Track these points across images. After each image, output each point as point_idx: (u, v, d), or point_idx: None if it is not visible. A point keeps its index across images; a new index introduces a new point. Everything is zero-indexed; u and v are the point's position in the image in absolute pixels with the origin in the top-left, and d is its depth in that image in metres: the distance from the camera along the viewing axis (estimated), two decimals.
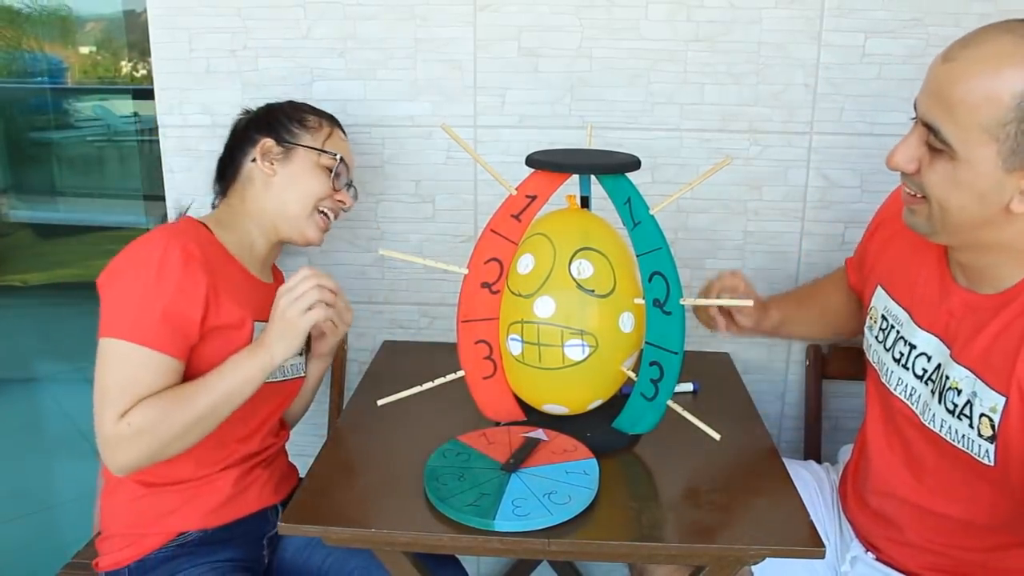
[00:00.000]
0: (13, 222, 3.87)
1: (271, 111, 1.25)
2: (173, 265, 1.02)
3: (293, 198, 1.19)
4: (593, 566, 1.74)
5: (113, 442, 0.99)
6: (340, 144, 1.26)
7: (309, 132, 1.22)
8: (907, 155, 0.90)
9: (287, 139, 1.21)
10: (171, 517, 1.10)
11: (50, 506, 2.28)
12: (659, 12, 1.41)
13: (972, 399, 0.94)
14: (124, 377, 0.99)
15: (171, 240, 1.04)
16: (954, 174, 0.86)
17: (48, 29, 3.69)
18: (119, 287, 1.03)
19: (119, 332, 1.00)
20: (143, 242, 1.05)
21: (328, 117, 1.27)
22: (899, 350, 1.07)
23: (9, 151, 3.88)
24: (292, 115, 1.23)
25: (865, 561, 1.13)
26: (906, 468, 1.06)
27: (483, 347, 1.10)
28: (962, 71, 0.84)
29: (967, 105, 0.83)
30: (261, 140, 1.20)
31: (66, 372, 3.15)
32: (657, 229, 1.03)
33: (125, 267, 1.04)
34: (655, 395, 1.07)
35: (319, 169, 1.21)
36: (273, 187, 1.19)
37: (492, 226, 1.08)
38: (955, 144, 0.85)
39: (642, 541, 0.93)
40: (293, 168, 1.20)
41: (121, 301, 1.02)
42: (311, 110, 1.26)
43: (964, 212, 0.88)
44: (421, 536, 0.94)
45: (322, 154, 1.21)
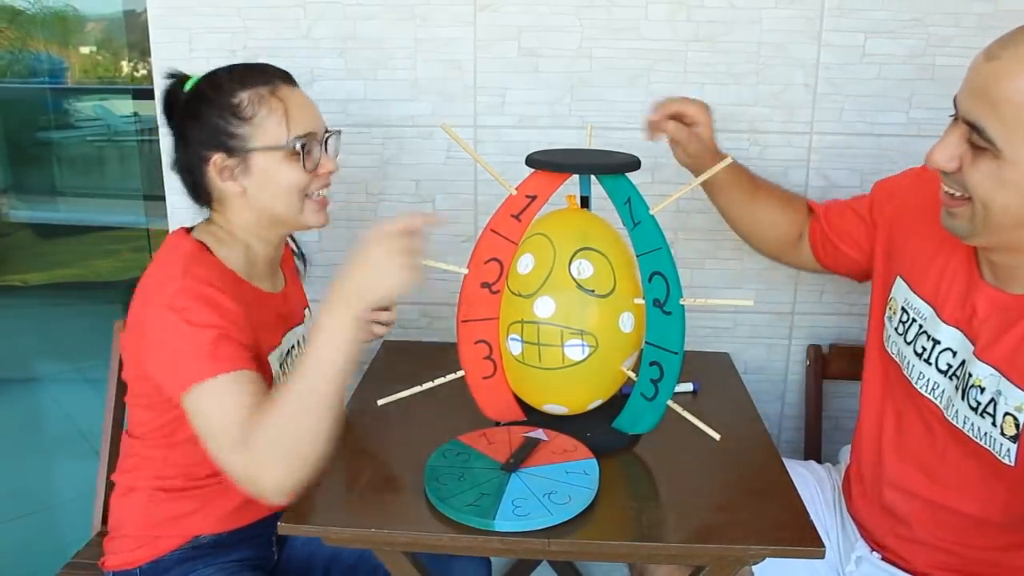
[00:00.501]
0: (13, 222, 3.87)
1: (199, 111, 1.05)
2: (201, 297, 0.97)
3: (275, 201, 1.06)
4: (593, 566, 1.74)
5: (250, 472, 0.91)
6: (296, 111, 1.05)
7: (253, 123, 1.03)
8: (948, 153, 0.88)
9: (235, 146, 1.04)
10: (186, 520, 1.09)
11: (50, 506, 2.28)
12: (659, 12, 1.41)
13: (996, 397, 0.93)
14: (226, 411, 0.93)
15: (189, 279, 0.98)
16: (998, 173, 0.85)
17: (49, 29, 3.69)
18: (167, 344, 0.96)
19: (195, 377, 0.93)
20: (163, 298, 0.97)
21: (262, 78, 1.05)
22: (921, 344, 1.05)
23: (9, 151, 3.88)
24: (225, 107, 1.03)
25: (870, 560, 1.12)
26: (921, 464, 1.06)
27: (483, 347, 1.10)
28: (1007, 69, 0.83)
29: (1013, 103, 0.82)
30: (210, 156, 1.04)
31: (66, 372, 3.16)
32: (657, 229, 1.03)
33: (162, 326, 0.97)
34: (655, 395, 1.07)
35: (288, 159, 1.05)
36: (249, 198, 1.06)
37: (492, 226, 1.08)
38: (999, 143, 0.84)
39: (642, 541, 0.93)
40: (258, 174, 1.05)
41: (184, 350, 0.95)
42: (240, 82, 1.04)
43: (1008, 211, 0.87)
44: (421, 536, 0.94)
45: (281, 149, 1.04)
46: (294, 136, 1.04)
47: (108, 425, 1.42)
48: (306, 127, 1.05)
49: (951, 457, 1.02)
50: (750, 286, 1.53)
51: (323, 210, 1.11)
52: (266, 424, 0.90)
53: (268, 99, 1.04)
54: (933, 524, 1.05)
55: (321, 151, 1.08)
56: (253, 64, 1.08)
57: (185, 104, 1.06)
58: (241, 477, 0.92)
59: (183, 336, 0.95)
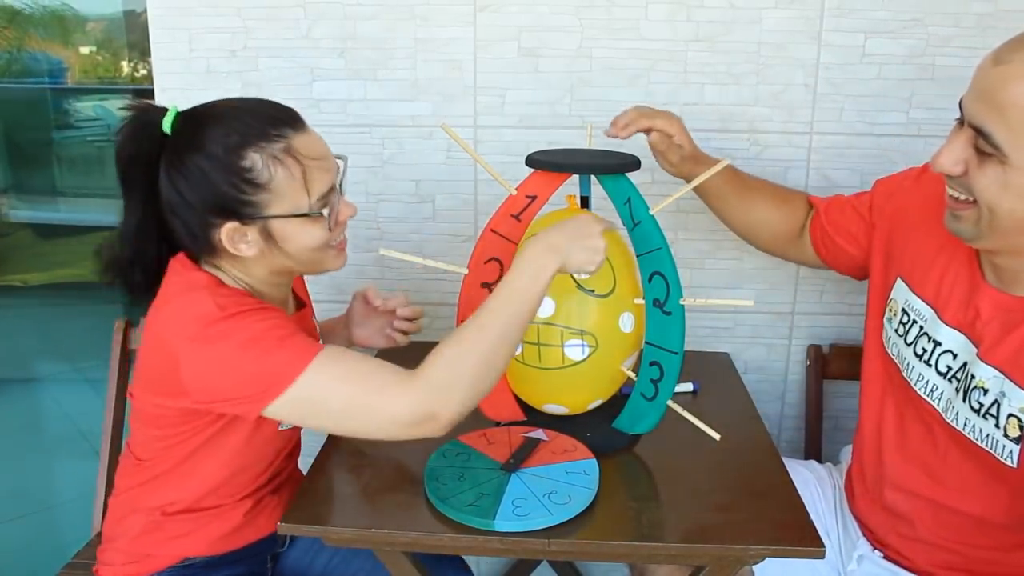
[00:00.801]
0: (13, 222, 3.87)
1: (198, 171, 0.90)
2: (246, 301, 0.93)
3: (295, 260, 0.98)
4: (593, 566, 1.74)
5: (430, 405, 0.89)
6: (313, 166, 0.95)
7: (270, 189, 0.92)
8: (953, 157, 0.88)
9: (250, 213, 0.93)
10: (179, 542, 1.07)
11: (50, 506, 2.28)
12: (659, 12, 1.41)
13: (1000, 399, 0.93)
14: (355, 373, 0.90)
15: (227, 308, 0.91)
16: (1005, 178, 0.84)
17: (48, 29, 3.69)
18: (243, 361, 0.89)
19: (298, 367, 0.88)
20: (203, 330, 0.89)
21: (268, 133, 0.92)
22: (922, 346, 1.05)
23: (9, 151, 3.88)
24: (234, 173, 0.91)
25: (872, 560, 1.12)
26: (923, 464, 1.06)
27: None
28: (1015, 74, 0.82)
29: (1020, 109, 0.81)
30: (218, 223, 0.93)
31: (66, 372, 3.15)
32: (657, 229, 1.03)
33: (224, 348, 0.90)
34: (655, 395, 1.07)
35: (308, 223, 0.95)
36: (265, 256, 0.97)
37: (492, 226, 1.08)
38: (1006, 148, 0.83)
39: (642, 541, 0.93)
40: (277, 238, 0.95)
41: (263, 358, 0.89)
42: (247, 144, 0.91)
43: (1014, 216, 0.86)
44: (421, 536, 0.94)
45: (305, 216, 0.95)
46: (316, 199, 0.95)
47: (108, 425, 1.42)
48: (326, 183, 0.96)
49: (952, 458, 1.02)
50: (750, 286, 1.53)
51: (342, 253, 1.04)
52: (451, 352, 0.90)
53: (283, 160, 0.92)
54: (935, 524, 1.05)
55: (339, 198, 0.99)
56: (257, 111, 0.94)
57: (169, 155, 0.92)
58: (420, 410, 0.89)
59: (255, 350, 0.89)
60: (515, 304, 0.91)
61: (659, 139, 1.21)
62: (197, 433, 1.00)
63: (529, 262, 0.93)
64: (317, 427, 0.97)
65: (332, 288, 1.56)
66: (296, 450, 1.22)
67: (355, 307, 1.27)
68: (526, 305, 0.92)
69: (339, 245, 1.04)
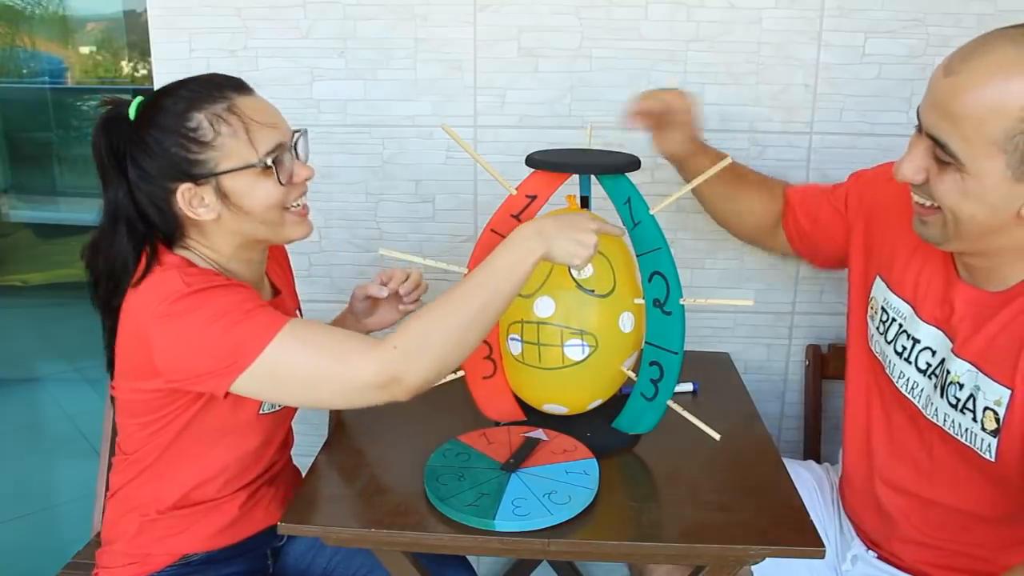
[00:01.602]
0: (13, 222, 3.88)
1: (151, 141, 0.94)
2: (214, 277, 0.95)
3: (252, 222, 0.99)
4: (593, 566, 1.74)
5: (395, 368, 0.90)
6: (257, 123, 0.96)
7: (215, 145, 0.94)
8: (914, 167, 0.90)
9: (200, 172, 0.95)
10: (176, 539, 1.08)
11: (50, 506, 2.28)
12: (659, 12, 1.41)
13: (975, 393, 0.94)
14: (320, 342, 0.92)
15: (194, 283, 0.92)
16: (963, 185, 0.86)
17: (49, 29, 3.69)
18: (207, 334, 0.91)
19: (263, 339, 0.90)
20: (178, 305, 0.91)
21: (212, 95, 0.96)
22: (902, 344, 1.06)
23: (9, 151, 3.88)
24: (179, 134, 0.94)
25: (866, 560, 1.13)
26: (911, 461, 1.06)
27: (483, 347, 1.10)
28: (966, 84, 0.83)
29: (973, 119, 0.82)
30: (174, 188, 0.95)
31: (66, 372, 3.15)
32: (657, 229, 1.03)
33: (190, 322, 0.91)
34: (655, 395, 1.07)
35: (260, 178, 0.97)
36: (224, 225, 0.98)
37: (492, 226, 1.08)
38: (963, 158, 0.84)
39: (642, 541, 0.93)
40: (231, 197, 0.96)
41: (228, 332, 0.90)
42: (189, 102, 0.95)
43: (975, 221, 0.87)
44: (421, 536, 0.94)
45: (253, 168, 0.96)
46: (263, 154, 0.96)
47: (108, 425, 1.42)
48: (272, 139, 0.97)
49: (937, 454, 1.02)
50: (750, 286, 1.53)
51: (305, 220, 1.05)
52: (425, 321, 0.91)
53: (226, 117, 0.95)
54: (925, 521, 1.05)
55: (292, 159, 1.00)
56: (199, 78, 0.99)
57: (132, 137, 0.96)
58: (384, 373, 0.90)
59: (220, 324, 0.90)
60: (496, 282, 0.93)
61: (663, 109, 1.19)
62: (176, 417, 1.00)
63: (516, 244, 0.94)
64: (285, 399, 0.99)
65: (332, 288, 1.56)
66: (288, 440, 1.22)
67: (357, 305, 1.27)
68: (507, 284, 0.93)
69: (300, 211, 1.04)
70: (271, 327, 0.91)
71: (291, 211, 1.02)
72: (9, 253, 3.93)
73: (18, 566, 1.98)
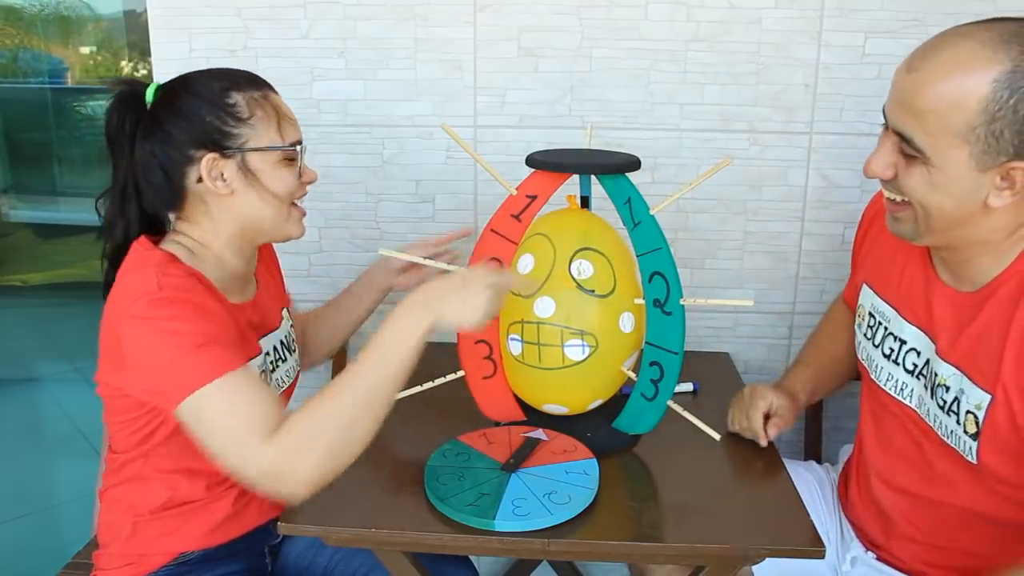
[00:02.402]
0: (13, 222, 3.88)
1: (187, 108, 0.99)
2: (187, 290, 0.94)
3: (262, 207, 1.02)
4: (593, 566, 1.74)
5: (280, 467, 0.87)
6: (287, 118, 1.04)
7: (250, 124, 1.00)
8: (883, 162, 0.92)
9: (230, 145, 0.99)
10: (171, 538, 1.08)
11: (50, 506, 2.28)
12: (659, 12, 1.41)
13: (960, 396, 0.95)
14: (239, 409, 0.89)
15: (166, 287, 0.93)
16: (930, 178, 0.88)
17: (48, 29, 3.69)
18: (154, 357, 0.91)
19: (199, 381, 0.89)
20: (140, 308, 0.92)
21: (251, 83, 1.03)
22: (889, 346, 1.07)
23: (9, 151, 3.88)
24: (219, 107, 0.99)
25: (865, 561, 1.13)
26: (904, 461, 1.06)
27: (483, 347, 1.10)
28: (927, 80, 0.86)
29: (936, 113, 0.85)
30: (198, 155, 0.98)
31: (66, 372, 3.15)
32: (657, 229, 1.03)
33: (149, 331, 0.92)
34: (655, 395, 1.07)
35: (280, 165, 1.02)
36: (234, 204, 1.01)
37: (492, 226, 1.08)
38: (928, 151, 0.87)
39: (642, 541, 0.93)
40: (250, 177, 1.00)
41: (175, 358, 0.90)
42: (231, 83, 1.01)
43: (944, 212, 0.90)
44: (421, 536, 0.94)
45: (279, 150, 1.02)
46: (289, 142, 1.03)
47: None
48: (296, 134, 1.05)
49: (929, 454, 1.03)
50: (750, 286, 1.53)
51: (302, 220, 1.08)
52: (309, 415, 0.88)
53: (262, 103, 1.01)
54: (923, 520, 1.05)
55: (303, 161, 1.07)
56: (238, 69, 1.05)
57: (162, 104, 1.00)
58: (266, 471, 0.87)
59: (171, 345, 0.90)
60: (381, 366, 0.89)
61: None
62: (156, 415, 1.00)
63: (399, 318, 0.90)
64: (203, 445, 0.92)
65: (332, 288, 1.56)
66: None
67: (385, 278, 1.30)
68: (393, 366, 0.89)
69: (301, 210, 1.08)
70: (209, 372, 0.89)
71: (296, 207, 1.07)
72: (9, 253, 3.93)
73: (18, 566, 1.98)
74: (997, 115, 0.83)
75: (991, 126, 0.83)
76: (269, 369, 1.11)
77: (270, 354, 1.13)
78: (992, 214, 0.89)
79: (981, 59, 0.83)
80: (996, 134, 0.83)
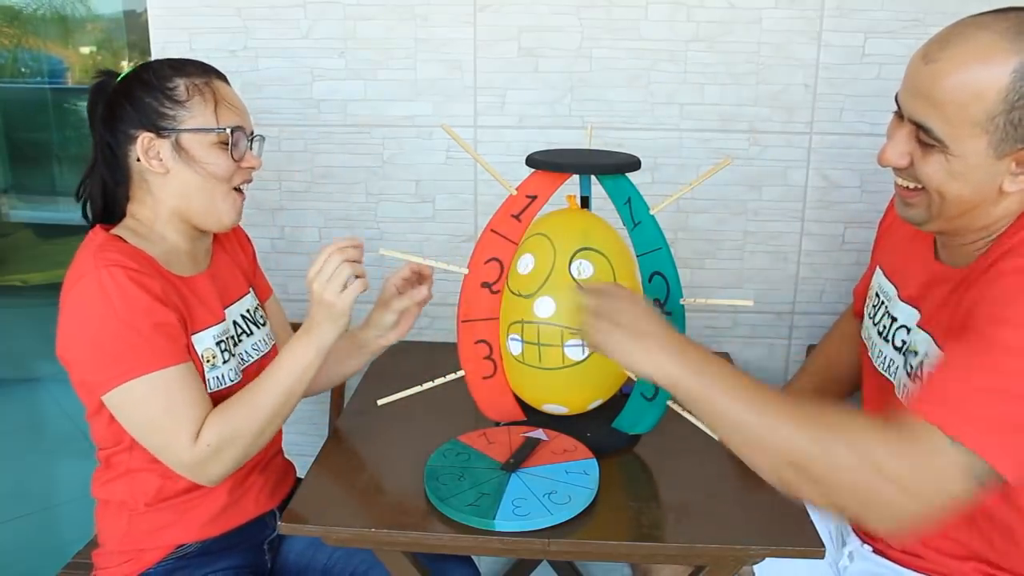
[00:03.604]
0: (13, 222, 3.87)
1: (132, 92, 1.05)
2: (123, 285, 0.96)
3: (195, 189, 1.06)
4: (593, 566, 1.74)
5: (198, 464, 1.00)
6: (227, 104, 1.07)
7: (186, 106, 1.04)
8: (898, 151, 0.93)
9: (165, 126, 1.03)
10: (167, 531, 1.08)
11: (50, 506, 2.28)
12: (659, 12, 1.41)
13: (924, 359, 0.97)
14: (164, 407, 0.97)
15: (102, 268, 0.96)
16: (948, 166, 0.89)
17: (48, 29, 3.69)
18: (90, 341, 0.97)
19: (125, 375, 0.96)
20: (80, 288, 0.97)
21: (198, 70, 1.07)
22: (883, 323, 1.09)
23: (9, 151, 3.88)
24: (160, 91, 1.04)
25: (862, 554, 1.13)
26: None
27: (483, 347, 1.10)
28: (946, 71, 0.87)
29: (955, 103, 0.86)
30: (137, 135, 1.03)
31: (66, 372, 3.15)
32: (657, 229, 1.03)
33: (81, 320, 0.97)
34: (655, 395, 1.07)
35: (215, 147, 1.05)
36: (169, 183, 1.05)
37: (492, 226, 1.08)
38: (947, 140, 0.88)
39: (642, 541, 0.93)
40: (184, 156, 1.04)
41: (103, 350, 0.96)
42: (176, 70, 1.06)
43: (961, 199, 0.91)
44: (421, 536, 0.94)
45: (212, 132, 1.05)
46: (224, 124, 1.06)
47: None
48: (236, 120, 1.07)
49: None
50: (750, 286, 1.53)
51: (237, 205, 1.10)
52: (222, 425, 0.99)
53: (202, 88, 1.06)
54: None
55: (247, 147, 1.10)
56: (192, 60, 1.10)
57: (116, 89, 1.07)
58: (186, 466, 1.00)
59: (115, 323, 0.95)
60: (284, 390, 1.02)
61: None
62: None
63: (291, 350, 1.03)
64: (128, 430, 1.02)
65: None
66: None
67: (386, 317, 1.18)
68: (295, 387, 1.03)
69: (238, 198, 1.10)
70: (137, 365, 0.96)
71: (237, 192, 1.10)
72: (9, 253, 3.93)
73: (18, 566, 1.98)
74: (1016, 104, 0.84)
75: (1010, 115, 0.84)
76: (233, 338, 1.12)
77: (237, 323, 1.15)
78: (1004, 199, 0.90)
79: (1000, 49, 0.84)
80: (1015, 122, 0.85)
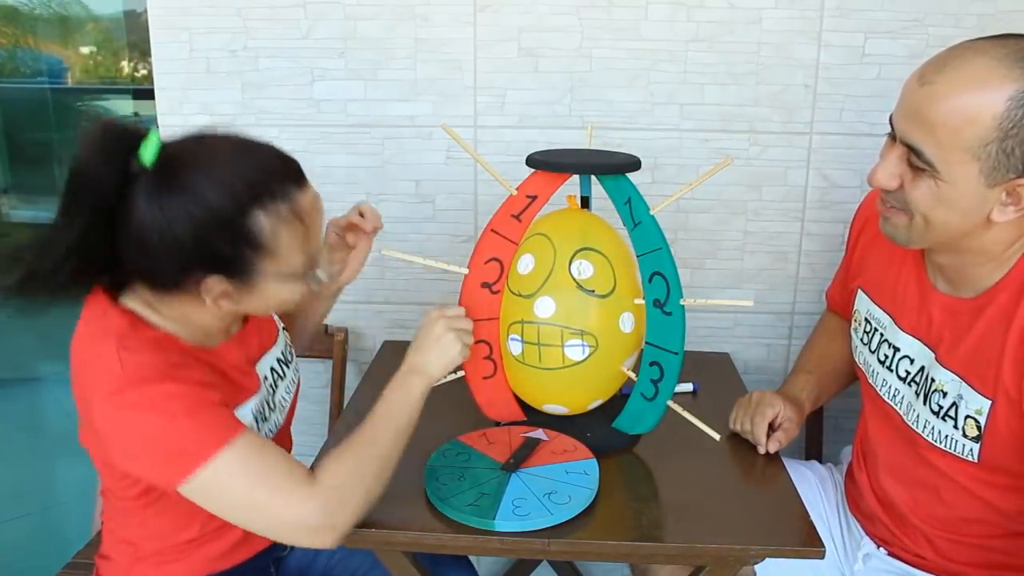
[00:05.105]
0: (13, 222, 3.87)
1: (193, 230, 0.82)
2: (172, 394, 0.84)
3: (258, 311, 0.97)
4: (593, 566, 1.74)
5: (322, 508, 0.87)
6: (314, 229, 0.90)
7: (271, 249, 0.86)
8: (888, 173, 0.92)
9: (244, 272, 0.86)
10: (172, 567, 1.02)
11: (50, 506, 2.28)
12: (659, 12, 1.41)
13: (958, 401, 0.96)
14: (259, 470, 0.86)
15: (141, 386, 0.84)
16: (937, 192, 0.88)
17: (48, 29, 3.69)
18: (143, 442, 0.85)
19: (210, 451, 0.83)
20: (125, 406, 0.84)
21: (278, 191, 0.85)
22: (884, 352, 1.09)
23: (9, 151, 3.87)
24: (235, 232, 0.83)
25: (878, 556, 1.13)
26: (904, 458, 1.07)
27: (483, 347, 1.10)
28: (941, 94, 0.85)
29: (949, 128, 0.85)
30: (204, 279, 0.85)
31: (66, 372, 3.12)
32: (657, 229, 1.03)
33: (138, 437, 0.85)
34: (655, 395, 1.07)
35: (292, 279, 0.90)
36: (223, 306, 0.90)
37: (492, 226, 1.08)
38: (938, 164, 0.87)
39: (642, 541, 0.93)
40: (257, 293, 0.89)
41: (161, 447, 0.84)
42: (254, 203, 0.83)
43: (948, 225, 0.90)
44: (421, 536, 0.94)
45: (301, 277, 0.91)
46: (313, 250, 0.91)
47: None
48: (319, 240, 0.92)
49: (925, 456, 1.03)
50: (750, 286, 1.53)
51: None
52: (338, 465, 0.91)
53: (288, 220, 0.85)
54: (932, 515, 1.05)
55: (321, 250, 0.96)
56: (263, 160, 0.87)
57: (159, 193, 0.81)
58: (316, 521, 0.87)
59: (158, 427, 0.83)
60: (398, 419, 0.96)
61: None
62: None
63: (399, 388, 0.98)
64: (221, 516, 0.90)
65: None
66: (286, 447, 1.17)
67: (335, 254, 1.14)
68: (406, 418, 0.97)
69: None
70: (219, 438, 0.84)
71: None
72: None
73: (18, 566, 1.98)
74: (1010, 132, 0.83)
75: (1003, 143, 0.83)
76: (270, 393, 1.05)
77: (268, 377, 1.06)
78: (993, 228, 0.89)
79: (997, 76, 0.83)
80: (1007, 151, 0.83)
